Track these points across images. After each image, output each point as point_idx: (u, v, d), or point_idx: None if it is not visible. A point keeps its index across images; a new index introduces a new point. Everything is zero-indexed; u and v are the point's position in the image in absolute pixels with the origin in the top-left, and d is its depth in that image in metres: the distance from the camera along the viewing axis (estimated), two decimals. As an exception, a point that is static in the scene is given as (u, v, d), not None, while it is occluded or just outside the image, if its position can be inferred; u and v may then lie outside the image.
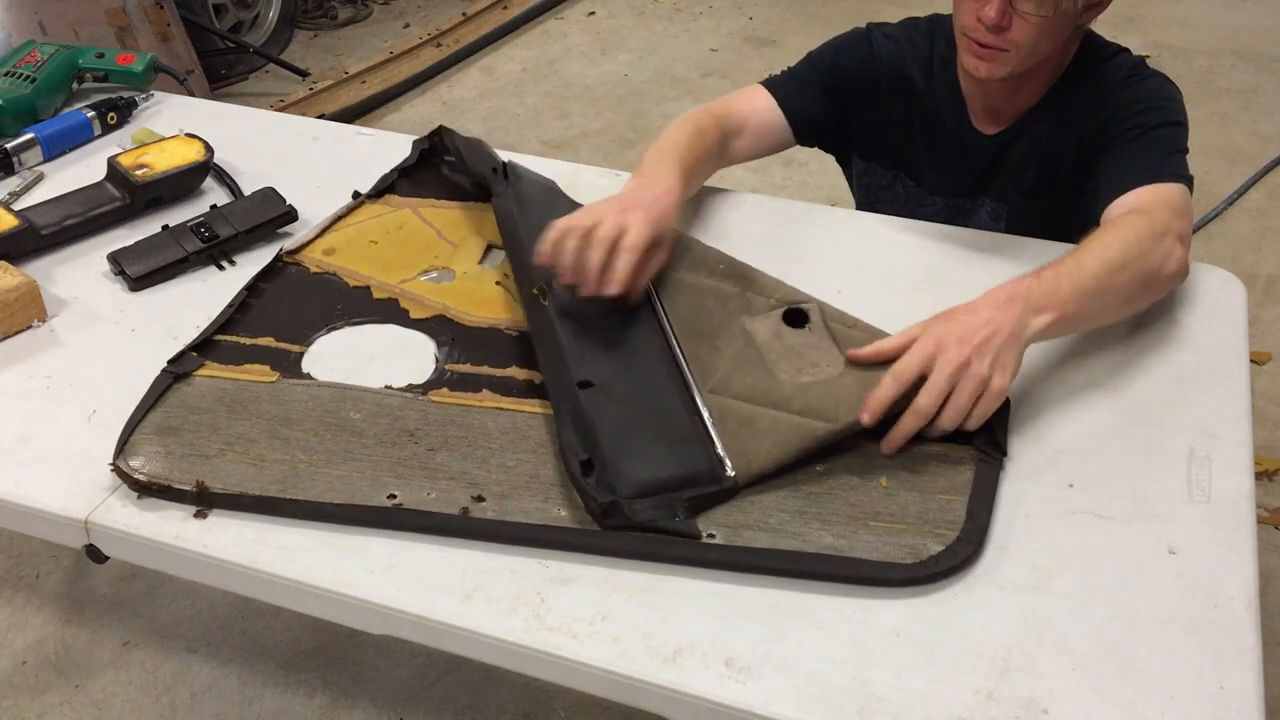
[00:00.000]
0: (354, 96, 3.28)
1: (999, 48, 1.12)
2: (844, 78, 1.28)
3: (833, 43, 1.31)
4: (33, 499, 0.88)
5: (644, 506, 0.83)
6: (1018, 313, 0.90)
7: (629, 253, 0.97)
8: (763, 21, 3.95)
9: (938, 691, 0.72)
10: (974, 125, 1.28)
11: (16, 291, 1.05)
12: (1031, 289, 0.92)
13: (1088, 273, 0.95)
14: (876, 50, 1.28)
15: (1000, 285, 0.93)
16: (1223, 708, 0.71)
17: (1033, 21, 1.10)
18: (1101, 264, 0.96)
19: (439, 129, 1.32)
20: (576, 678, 0.76)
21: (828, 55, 1.30)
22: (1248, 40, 3.69)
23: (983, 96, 1.25)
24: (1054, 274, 0.94)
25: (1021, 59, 1.14)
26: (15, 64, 1.43)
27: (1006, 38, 1.11)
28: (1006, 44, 1.12)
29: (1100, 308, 0.97)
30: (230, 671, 1.64)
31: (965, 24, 1.14)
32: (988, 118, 1.27)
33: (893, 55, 1.28)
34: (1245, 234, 2.71)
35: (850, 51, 1.29)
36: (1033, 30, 1.10)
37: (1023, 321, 0.90)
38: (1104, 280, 0.95)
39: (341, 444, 0.91)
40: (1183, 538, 0.84)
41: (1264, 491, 1.95)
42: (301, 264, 1.14)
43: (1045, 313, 0.91)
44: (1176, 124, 1.14)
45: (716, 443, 0.88)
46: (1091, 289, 0.95)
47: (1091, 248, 0.98)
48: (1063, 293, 0.93)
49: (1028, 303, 0.91)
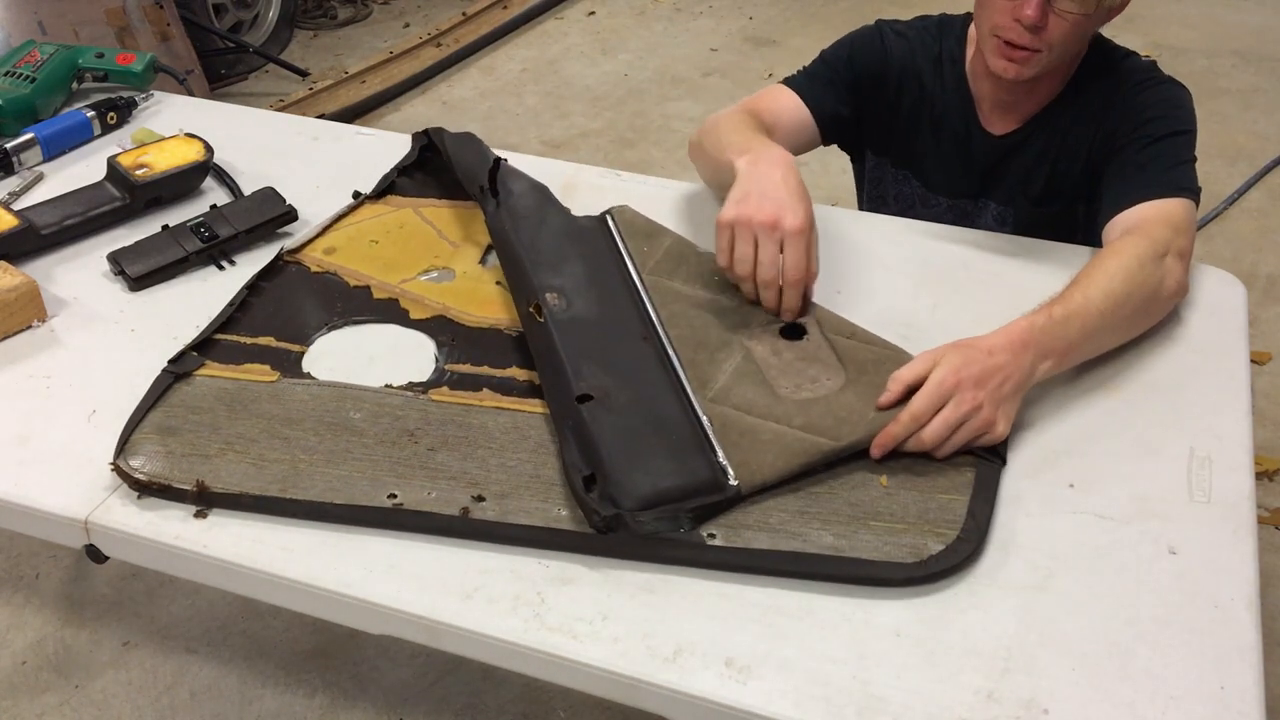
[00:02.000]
0: (354, 96, 3.28)
1: (1033, 48, 1.11)
2: (859, 74, 1.28)
3: (846, 40, 1.31)
4: (33, 499, 0.88)
5: (648, 518, 0.82)
6: (1030, 360, 0.91)
7: (797, 287, 0.99)
8: (763, 21, 3.95)
9: (938, 691, 0.72)
10: (982, 125, 1.27)
11: (16, 291, 1.05)
12: (1045, 332, 0.92)
13: (1094, 309, 0.95)
14: (888, 46, 1.28)
15: (1016, 322, 0.93)
16: (1223, 708, 0.71)
17: (1070, 20, 1.09)
18: (1106, 297, 0.96)
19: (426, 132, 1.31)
20: (576, 678, 0.76)
21: (842, 52, 1.29)
22: (1248, 40, 3.69)
23: (994, 96, 1.25)
24: (1064, 312, 0.94)
25: (1052, 59, 1.13)
26: (15, 64, 1.44)
27: (1041, 37, 1.10)
28: (1041, 44, 1.11)
29: (1103, 343, 0.99)
30: (230, 671, 1.64)
31: (998, 23, 1.12)
32: (997, 118, 1.27)
33: (903, 52, 1.28)
34: (1245, 234, 2.71)
35: (863, 48, 1.29)
36: (1069, 29, 1.10)
37: (1033, 369, 0.91)
38: (1109, 316, 0.96)
39: (342, 444, 0.91)
40: (1183, 538, 0.84)
41: (1264, 491, 1.95)
42: (302, 263, 1.14)
43: (1051, 358, 0.93)
44: (1185, 133, 1.14)
45: (718, 450, 0.88)
46: (1096, 326, 0.96)
47: (1097, 279, 0.98)
48: (1071, 335, 0.94)
49: (1040, 348, 0.92)
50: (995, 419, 0.88)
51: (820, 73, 1.29)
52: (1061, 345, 0.93)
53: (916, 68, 1.28)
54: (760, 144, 1.07)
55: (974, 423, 0.87)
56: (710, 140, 1.16)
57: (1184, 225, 1.06)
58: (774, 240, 0.98)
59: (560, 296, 1.02)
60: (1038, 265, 1.15)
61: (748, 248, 0.99)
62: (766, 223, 0.98)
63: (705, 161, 1.20)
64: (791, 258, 0.98)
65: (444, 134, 1.28)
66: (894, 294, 1.10)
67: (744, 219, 0.99)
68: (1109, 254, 1.02)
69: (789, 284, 0.99)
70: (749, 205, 0.99)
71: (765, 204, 0.99)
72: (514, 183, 1.19)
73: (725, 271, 1.03)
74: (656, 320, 1.01)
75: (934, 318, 1.08)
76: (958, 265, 1.16)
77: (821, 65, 1.30)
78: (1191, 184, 1.10)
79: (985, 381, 0.88)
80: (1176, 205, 1.07)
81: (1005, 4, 1.10)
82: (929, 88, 1.28)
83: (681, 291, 1.05)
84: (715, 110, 1.25)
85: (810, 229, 0.99)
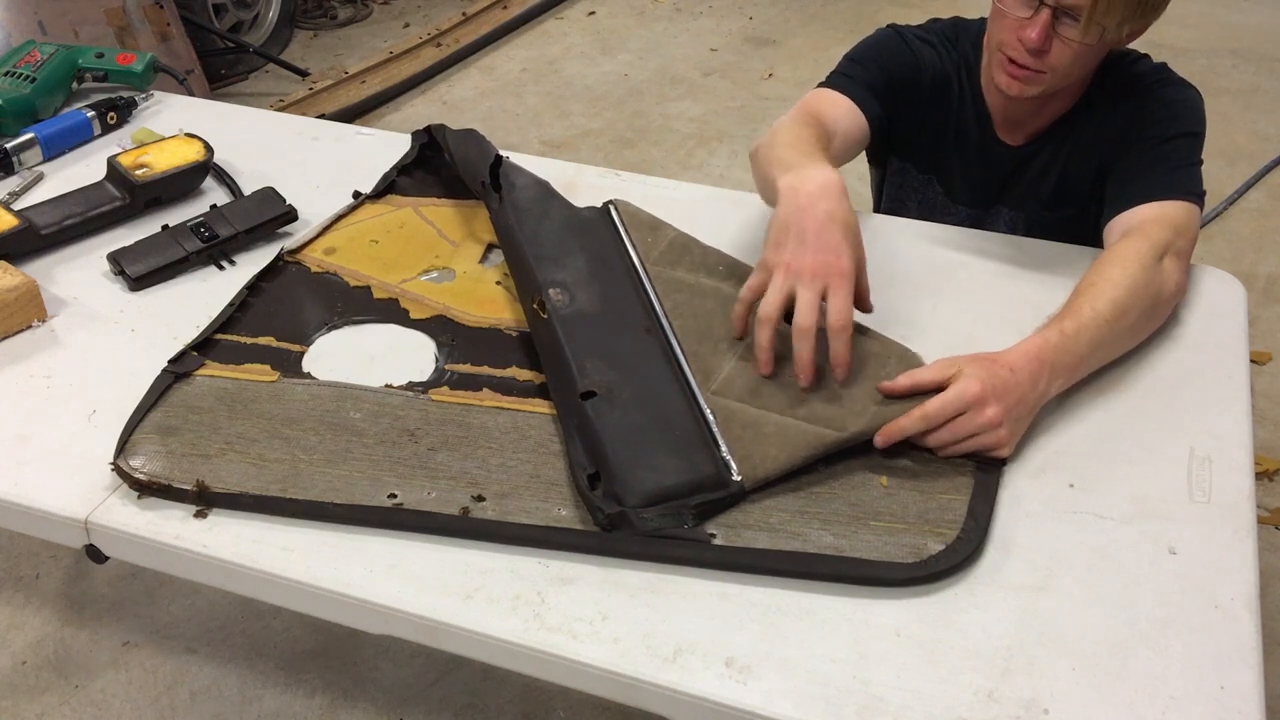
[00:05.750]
0: (354, 96, 3.28)
1: (1035, 69, 1.11)
2: (893, 79, 1.25)
3: (868, 47, 1.26)
4: (33, 499, 0.88)
5: (652, 515, 0.82)
6: (1046, 380, 0.91)
7: (842, 333, 0.89)
8: (763, 21, 3.95)
9: (938, 691, 0.72)
10: (997, 135, 1.27)
11: (16, 291, 1.05)
12: (1059, 349, 0.92)
13: (1103, 320, 0.95)
14: (916, 53, 1.26)
15: (1031, 340, 0.93)
16: (1223, 708, 0.71)
17: (1073, 47, 1.08)
18: (1113, 307, 0.96)
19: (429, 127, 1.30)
20: (576, 678, 0.76)
21: (871, 57, 1.25)
22: (1248, 40, 3.70)
23: (1005, 110, 1.24)
24: (1075, 326, 0.94)
25: (1055, 81, 1.13)
26: (15, 64, 1.43)
27: (1044, 60, 1.10)
28: (1044, 66, 1.10)
29: (1110, 353, 0.99)
30: (230, 671, 1.64)
31: (1003, 40, 1.12)
32: (1009, 130, 1.26)
33: (932, 59, 1.26)
34: (1245, 234, 2.71)
35: (893, 54, 1.26)
36: (1071, 55, 1.09)
37: (1047, 390, 0.92)
38: (1116, 325, 0.96)
39: (342, 443, 0.91)
40: (1183, 538, 0.84)
41: (1264, 491, 1.95)
42: (302, 263, 1.14)
43: (1063, 375, 0.93)
44: (1191, 135, 1.13)
45: (721, 445, 0.88)
46: (1105, 338, 0.96)
47: (1102, 289, 0.97)
48: (1081, 350, 0.94)
49: (1055, 366, 0.92)
50: (1008, 437, 0.88)
51: (859, 75, 1.24)
52: (1073, 361, 0.93)
53: (945, 75, 1.26)
54: (808, 163, 0.98)
55: (986, 438, 0.87)
56: (764, 154, 1.07)
57: (1184, 227, 1.06)
58: (815, 288, 0.89)
59: (563, 292, 1.02)
60: (1038, 265, 1.15)
61: (779, 294, 0.90)
62: (807, 270, 0.90)
63: (757, 174, 1.12)
64: (836, 303, 0.89)
65: (446, 130, 1.28)
66: (894, 294, 1.10)
67: (783, 265, 0.91)
68: (1111, 260, 1.01)
69: (834, 331, 0.89)
70: (786, 250, 0.91)
71: (805, 249, 0.90)
72: (516, 177, 1.19)
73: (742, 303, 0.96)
74: (660, 311, 1.01)
75: (934, 318, 1.08)
76: (957, 265, 1.16)
77: (857, 68, 1.24)
78: (1196, 187, 1.10)
79: (1006, 397, 0.88)
80: (1177, 207, 1.07)
81: (1013, 23, 1.10)
82: (954, 97, 1.27)
83: (685, 280, 1.05)
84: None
85: (859, 269, 0.92)
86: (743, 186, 1.32)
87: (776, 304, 0.91)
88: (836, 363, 0.90)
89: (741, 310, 0.95)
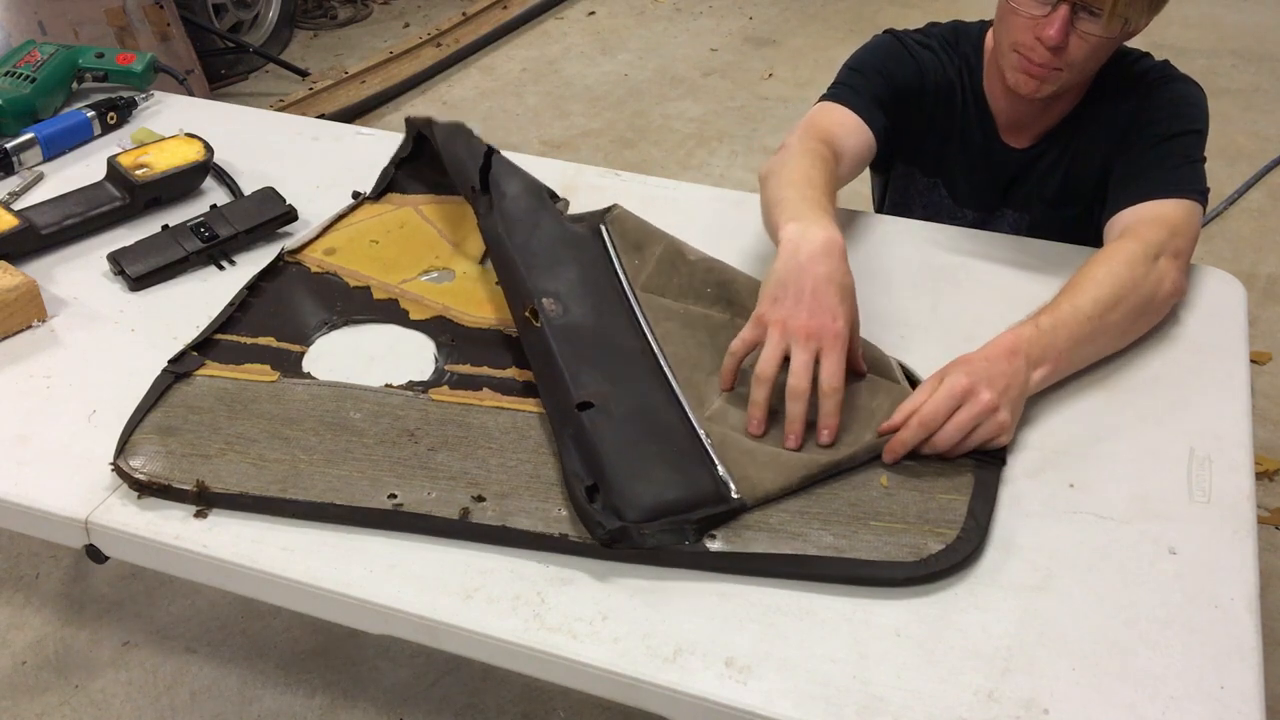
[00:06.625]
0: (354, 96, 3.28)
1: (1053, 67, 1.10)
2: (897, 88, 1.23)
3: (869, 54, 1.25)
4: (33, 499, 0.88)
5: (653, 530, 0.81)
6: (1024, 369, 0.91)
7: (834, 396, 0.89)
8: (763, 21, 3.95)
9: (938, 691, 0.72)
10: (1001, 138, 1.27)
11: (16, 291, 1.05)
12: (1032, 342, 0.92)
13: (1083, 316, 0.95)
14: (918, 59, 1.25)
15: (1003, 335, 0.93)
16: (1223, 708, 0.71)
17: (1091, 42, 1.08)
18: (1095, 304, 0.96)
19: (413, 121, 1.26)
20: (576, 678, 0.76)
21: (874, 66, 1.24)
22: (1248, 40, 3.70)
23: (1010, 112, 1.24)
24: (1051, 322, 0.94)
25: (1071, 77, 1.12)
26: (15, 64, 1.43)
27: (1062, 57, 1.09)
28: (1061, 63, 1.10)
29: (1096, 350, 0.99)
30: (230, 671, 1.64)
31: (1019, 40, 1.11)
32: (1013, 133, 1.26)
33: (934, 64, 1.25)
34: (1245, 234, 2.71)
35: (895, 61, 1.24)
36: (1089, 49, 1.09)
37: (1027, 377, 0.91)
38: (1098, 322, 0.96)
39: (342, 444, 0.91)
40: (1183, 538, 0.84)
41: (1264, 491, 1.95)
42: (302, 264, 1.14)
43: (1043, 367, 0.93)
44: (1193, 132, 1.13)
45: (718, 465, 0.87)
46: (1086, 334, 0.95)
47: (1085, 286, 0.97)
48: (1059, 345, 0.94)
49: (1029, 358, 0.92)
50: (1009, 422, 0.88)
51: (862, 86, 1.22)
52: (1052, 354, 0.93)
53: (948, 80, 1.26)
54: (813, 217, 0.96)
55: (989, 425, 0.87)
56: (773, 186, 1.06)
57: (1182, 226, 1.06)
58: (809, 349, 0.89)
59: (557, 302, 1.00)
60: (1038, 265, 1.15)
61: (775, 352, 0.89)
62: (802, 331, 0.89)
63: (764, 202, 1.09)
64: (828, 366, 0.88)
65: (433, 126, 1.23)
66: (894, 294, 1.10)
67: (777, 322, 0.90)
68: (1100, 259, 1.01)
69: (825, 394, 0.88)
70: (783, 307, 0.90)
71: (802, 309, 0.89)
72: (507, 183, 1.15)
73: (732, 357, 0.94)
74: (651, 337, 1.00)
75: (934, 318, 1.08)
76: (957, 265, 1.16)
77: (860, 78, 1.23)
78: (1198, 184, 1.09)
79: (996, 383, 0.88)
80: (1176, 206, 1.07)
81: (1027, 22, 1.09)
82: (956, 101, 1.27)
83: (673, 309, 1.03)
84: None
85: (851, 331, 0.92)
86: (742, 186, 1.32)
87: (774, 363, 0.89)
88: (825, 424, 0.89)
89: (731, 364, 0.94)
